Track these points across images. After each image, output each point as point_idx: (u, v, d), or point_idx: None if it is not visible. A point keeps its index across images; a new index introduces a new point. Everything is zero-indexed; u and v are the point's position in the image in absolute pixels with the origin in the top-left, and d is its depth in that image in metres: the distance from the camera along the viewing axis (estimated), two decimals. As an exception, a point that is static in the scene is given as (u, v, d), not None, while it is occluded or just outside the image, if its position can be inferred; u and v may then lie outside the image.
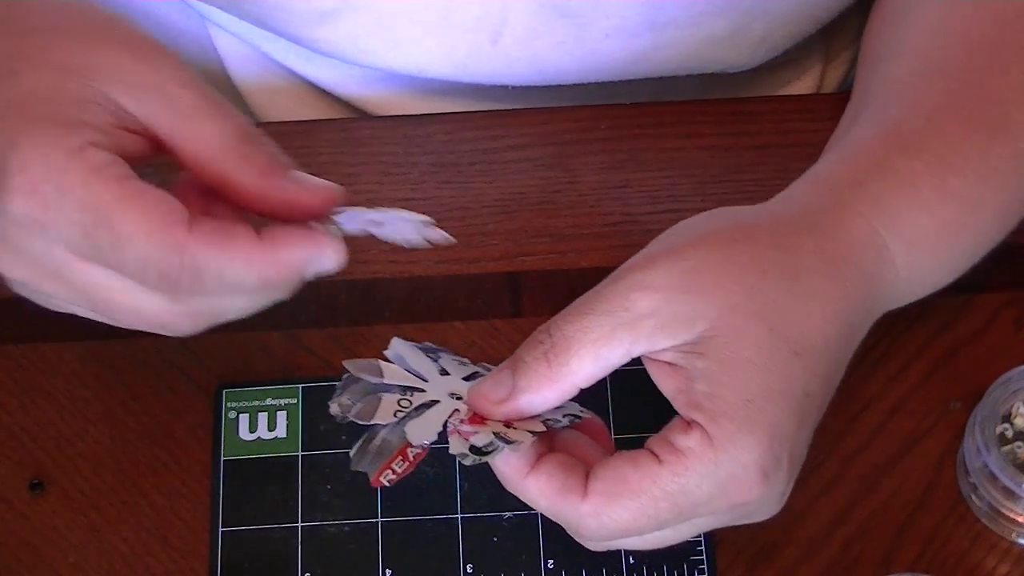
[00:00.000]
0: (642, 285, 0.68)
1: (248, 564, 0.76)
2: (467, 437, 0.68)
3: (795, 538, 0.76)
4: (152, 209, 0.63)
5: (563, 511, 0.68)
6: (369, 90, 0.93)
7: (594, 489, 0.67)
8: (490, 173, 0.87)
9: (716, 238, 0.69)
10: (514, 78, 0.88)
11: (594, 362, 0.68)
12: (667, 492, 0.66)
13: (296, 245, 0.65)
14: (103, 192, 0.63)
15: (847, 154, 0.74)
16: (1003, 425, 0.77)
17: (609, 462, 0.68)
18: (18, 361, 0.81)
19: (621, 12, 0.83)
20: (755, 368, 0.67)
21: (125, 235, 0.63)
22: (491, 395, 0.69)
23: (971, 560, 0.76)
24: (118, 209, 0.63)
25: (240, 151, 0.65)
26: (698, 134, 0.88)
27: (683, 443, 0.67)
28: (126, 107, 0.65)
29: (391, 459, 0.69)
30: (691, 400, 0.67)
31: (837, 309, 0.70)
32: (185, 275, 0.63)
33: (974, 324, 0.81)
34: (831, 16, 0.89)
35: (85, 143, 0.63)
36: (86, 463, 0.78)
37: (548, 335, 0.68)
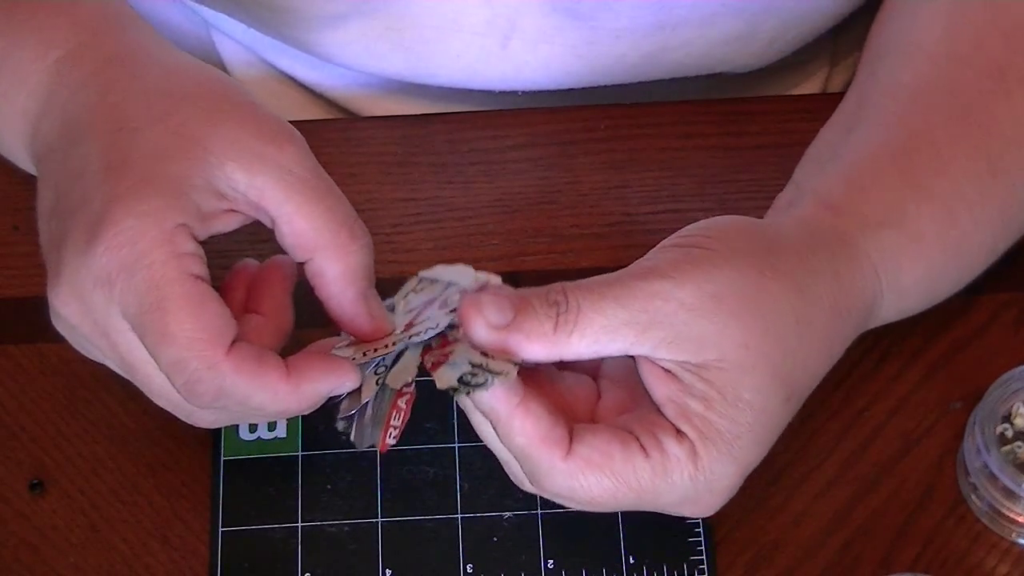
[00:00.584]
0: (667, 296, 0.68)
1: (248, 564, 0.76)
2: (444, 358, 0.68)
3: (795, 538, 0.76)
4: (206, 318, 0.65)
5: (538, 458, 0.68)
6: (374, 98, 0.93)
7: (578, 452, 0.67)
8: (490, 173, 0.87)
9: (746, 266, 0.69)
10: (523, 82, 0.88)
11: (591, 345, 0.68)
12: (641, 486, 0.68)
13: (320, 380, 0.68)
14: (172, 283, 0.65)
15: (861, 186, 0.74)
16: (1003, 425, 0.77)
17: (598, 432, 0.68)
18: (18, 361, 0.81)
19: (631, 13, 0.83)
20: (750, 408, 0.68)
21: (170, 332, 0.65)
22: (489, 315, 0.67)
23: (971, 560, 0.76)
24: (175, 305, 0.65)
25: (338, 245, 0.68)
26: (698, 134, 0.88)
27: (672, 448, 0.68)
28: (237, 181, 0.67)
29: (387, 419, 0.69)
30: (683, 413, 0.68)
31: (831, 357, 0.72)
32: (211, 391, 0.66)
33: (974, 324, 0.81)
34: (841, 17, 0.89)
35: (179, 225, 0.66)
36: (86, 463, 0.78)
37: (564, 299, 0.68)
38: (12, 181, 0.82)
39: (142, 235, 0.65)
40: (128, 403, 0.80)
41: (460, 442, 0.78)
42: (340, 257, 0.68)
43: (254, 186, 0.67)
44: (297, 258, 0.69)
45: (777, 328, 0.69)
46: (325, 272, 0.68)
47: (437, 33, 0.85)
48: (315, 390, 0.68)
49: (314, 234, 0.68)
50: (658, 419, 0.69)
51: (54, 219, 0.68)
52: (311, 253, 0.68)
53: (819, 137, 0.80)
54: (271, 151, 0.68)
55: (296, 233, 0.68)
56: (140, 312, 0.65)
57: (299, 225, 0.68)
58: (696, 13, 0.84)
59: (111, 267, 0.65)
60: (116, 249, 0.65)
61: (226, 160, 0.67)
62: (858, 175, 0.75)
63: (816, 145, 0.80)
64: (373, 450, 0.78)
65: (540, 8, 0.83)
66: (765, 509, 0.77)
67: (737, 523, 0.76)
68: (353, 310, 0.69)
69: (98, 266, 0.65)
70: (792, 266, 0.70)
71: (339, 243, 0.68)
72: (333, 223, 0.68)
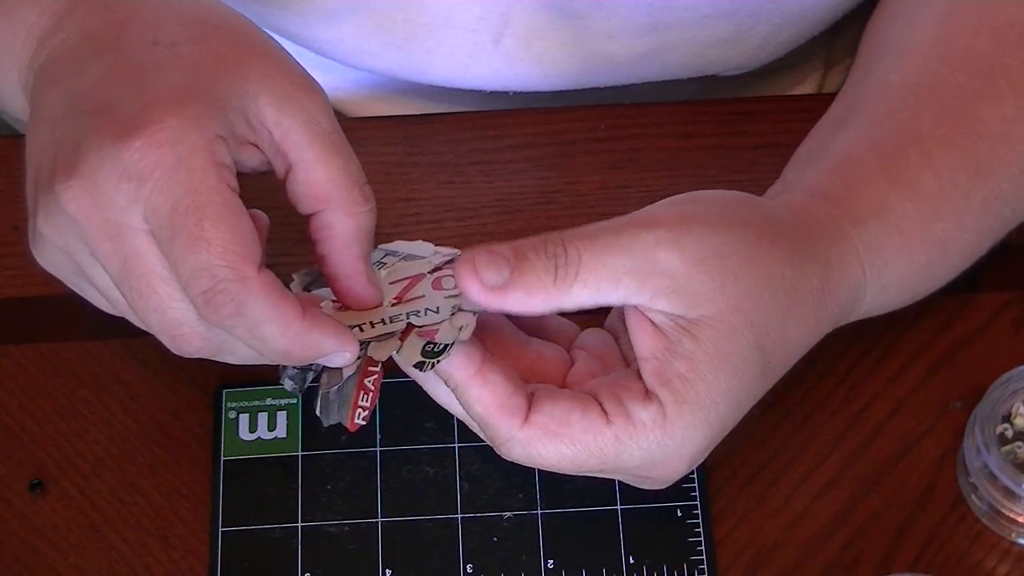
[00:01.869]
0: (672, 246, 0.68)
1: (248, 564, 0.76)
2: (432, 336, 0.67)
3: (795, 538, 0.76)
4: (241, 231, 0.64)
5: (496, 426, 0.67)
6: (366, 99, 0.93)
7: (535, 420, 0.67)
8: (490, 173, 0.87)
9: (749, 233, 0.69)
10: (516, 80, 0.88)
11: (592, 295, 0.67)
12: (603, 452, 0.67)
13: (327, 336, 0.66)
14: (211, 190, 0.63)
15: (850, 180, 0.75)
16: (1003, 425, 0.77)
17: (557, 400, 0.68)
18: (18, 361, 0.81)
19: (624, 13, 0.83)
20: (732, 374, 0.68)
21: (205, 237, 0.63)
22: (485, 276, 0.67)
23: (971, 560, 0.76)
24: (213, 212, 0.63)
25: (352, 200, 0.67)
26: (698, 134, 0.88)
27: (637, 413, 0.67)
28: (266, 116, 0.67)
29: (355, 398, 0.68)
30: (662, 373, 0.68)
31: (809, 339, 0.72)
32: (231, 305, 0.64)
33: (974, 324, 0.81)
34: (834, 19, 0.89)
35: (219, 136, 0.64)
36: (86, 463, 0.78)
37: (563, 250, 0.67)
38: (12, 181, 0.82)
39: (183, 137, 0.63)
40: (128, 403, 0.80)
41: (460, 442, 0.78)
42: (351, 214, 0.67)
43: (281, 125, 0.67)
44: (305, 209, 0.68)
45: (768, 298, 0.69)
46: (334, 225, 0.68)
47: (429, 30, 0.85)
48: (320, 343, 0.66)
49: (329, 186, 0.67)
50: (627, 383, 0.68)
51: (65, 122, 0.66)
52: (322, 205, 0.68)
53: (809, 137, 0.80)
54: (301, 96, 0.67)
55: (312, 182, 0.67)
56: (174, 213, 0.63)
57: (316, 174, 0.67)
58: (688, 14, 0.84)
59: (145, 163, 0.63)
60: (155, 147, 0.63)
61: (260, 92, 0.66)
62: (845, 170, 0.75)
63: (806, 144, 0.80)
64: (372, 449, 0.78)
65: (533, 5, 0.83)
66: (765, 509, 0.77)
67: (737, 523, 0.76)
68: (354, 268, 0.68)
69: (130, 161, 0.63)
70: (789, 242, 0.70)
71: (352, 199, 0.67)
72: (349, 179, 0.67)
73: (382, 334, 0.69)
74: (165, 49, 0.67)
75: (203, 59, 0.67)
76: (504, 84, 0.88)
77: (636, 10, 0.83)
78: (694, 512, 0.77)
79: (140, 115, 0.64)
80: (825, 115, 0.81)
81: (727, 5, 0.84)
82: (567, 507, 0.77)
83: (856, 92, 0.80)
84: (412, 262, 0.71)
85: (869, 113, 0.77)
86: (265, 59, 0.68)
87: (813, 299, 0.71)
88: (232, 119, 0.66)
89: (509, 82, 0.88)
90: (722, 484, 0.77)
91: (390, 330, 0.69)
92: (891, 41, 0.81)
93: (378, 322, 0.69)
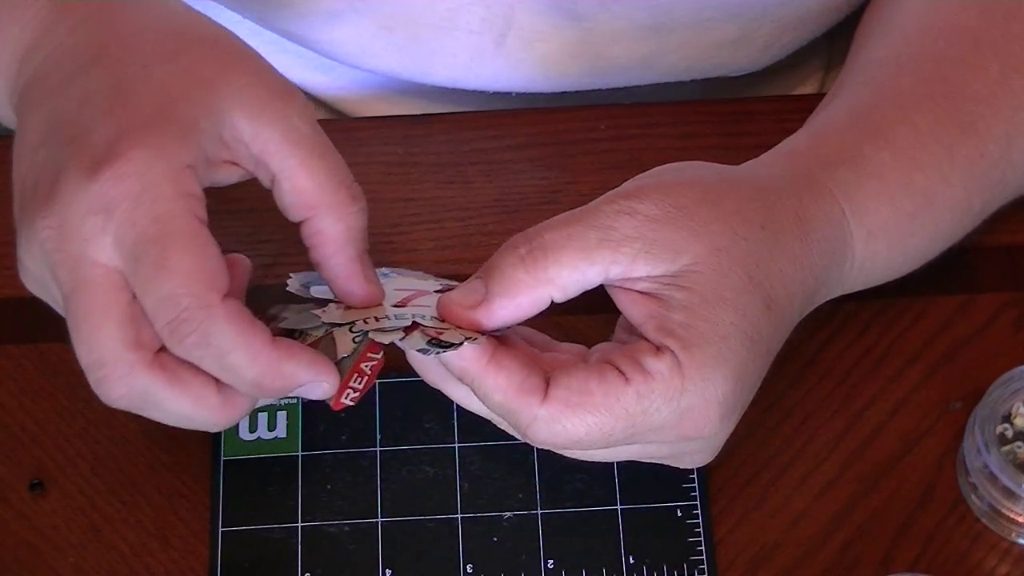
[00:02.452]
0: (631, 210, 0.68)
1: (248, 564, 0.76)
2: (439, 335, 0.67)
3: (795, 538, 0.76)
4: (206, 260, 0.63)
5: (517, 410, 0.67)
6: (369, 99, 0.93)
7: (555, 396, 0.66)
8: (490, 173, 0.87)
9: (704, 183, 0.70)
10: (518, 82, 0.88)
11: (571, 274, 0.67)
12: (628, 412, 0.66)
13: (301, 366, 0.66)
14: (177, 218, 0.63)
15: (820, 135, 0.75)
16: (1003, 425, 0.77)
17: (573, 371, 0.67)
18: (18, 361, 0.81)
19: (628, 15, 0.83)
20: (733, 308, 0.67)
21: (169, 267, 0.63)
22: (463, 300, 0.68)
23: (971, 560, 0.76)
24: (178, 241, 0.63)
25: (340, 202, 0.67)
26: (698, 134, 0.88)
27: (652, 365, 0.67)
28: (241, 130, 0.66)
29: (348, 377, 0.68)
30: (664, 326, 0.67)
31: (804, 275, 0.70)
32: (196, 334, 0.63)
33: (974, 324, 0.81)
34: (837, 19, 0.89)
35: (188, 166, 0.64)
36: (86, 463, 0.78)
37: (527, 240, 0.68)
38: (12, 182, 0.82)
39: (150, 168, 0.63)
40: (128, 403, 0.80)
41: (460, 442, 0.78)
42: (341, 216, 0.67)
43: (259, 138, 0.67)
44: (294, 216, 0.68)
45: (746, 233, 0.69)
46: (325, 230, 0.68)
47: (432, 31, 0.85)
48: (294, 373, 0.65)
49: (316, 191, 0.67)
50: (636, 343, 0.68)
51: (46, 147, 0.66)
52: (311, 211, 0.67)
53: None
54: (277, 104, 0.67)
55: (297, 190, 0.67)
56: (138, 242, 0.63)
57: (301, 181, 0.67)
58: (692, 17, 0.84)
59: (113, 195, 0.63)
60: (122, 179, 0.63)
61: (234, 107, 0.66)
62: (818, 129, 0.75)
63: None
64: (372, 449, 0.78)
65: (537, 6, 0.83)
66: (765, 509, 0.77)
67: (737, 523, 0.76)
68: (350, 269, 0.68)
69: (99, 193, 0.63)
70: (750, 183, 0.71)
71: (340, 201, 0.67)
72: (335, 181, 0.67)
73: (386, 328, 0.69)
74: (138, 71, 0.66)
75: (176, 79, 0.66)
76: (506, 85, 0.88)
77: (640, 12, 0.83)
78: (694, 512, 0.77)
79: (110, 146, 0.64)
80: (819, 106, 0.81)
81: (731, 8, 0.84)
82: (567, 507, 0.77)
83: (844, 75, 0.80)
84: (416, 279, 0.72)
85: (849, 86, 0.78)
86: (240, 71, 0.67)
87: (793, 229, 0.70)
88: (203, 142, 0.65)
89: (511, 84, 0.88)
90: (722, 484, 0.77)
91: (395, 325, 0.69)
92: (879, 23, 0.81)
93: (383, 317, 0.69)
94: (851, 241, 0.73)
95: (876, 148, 0.74)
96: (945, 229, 0.76)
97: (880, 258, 0.75)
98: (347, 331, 0.69)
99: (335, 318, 0.69)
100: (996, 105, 0.75)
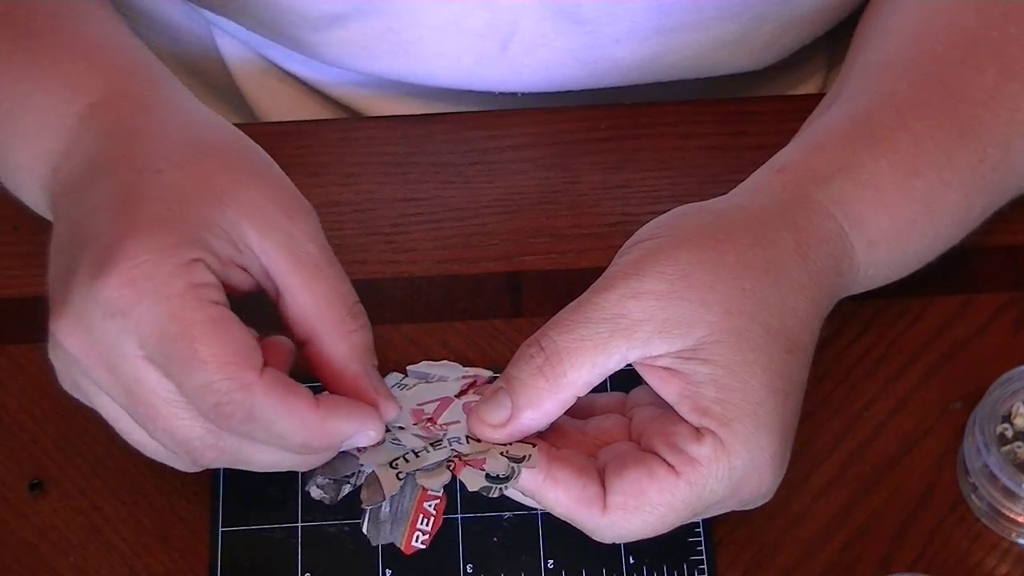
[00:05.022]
0: (636, 292, 0.68)
1: (248, 564, 0.76)
2: (480, 466, 0.69)
3: (795, 538, 0.76)
4: (233, 342, 0.65)
5: (581, 519, 0.69)
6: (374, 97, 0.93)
7: (614, 503, 0.68)
8: (490, 173, 0.87)
9: (700, 239, 0.70)
10: (522, 84, 0.88)
11: (591, 370, 0.69)
12: (685, 502, 0.68)
13: (347, 419, 0.67)
14: (192, 311, 0.64)
15: (817, 145, 0.75)
16: (1003, 425, 0.77)
17: (625, 474, 0.68)
18: (18, 361, 0.81)
19: (631, 17, 0.83)
20: (759, 369, 0.68)
21: (200, 358, 0.64)
22: (491, 419, 0.69)
23: (971, 560, 0.76)
24: (203, 331, 0.64)
25: (341, 322, 0.68)
26: (698, 134, 0.88)
27: (696, 452, 0.68)
28: (250, 242, 0.67)
29: (413, 519, 0.70)
30: (699, 405, 0.68)
31: (815, 300, 0.71)
32: (240, 413, 0.65)
33: (974, 324, 0.81)
34: (839, 18, 0.89)
35: (194, 260, 0.65)
36: (86, 463, 0.78)
37: (540, 348, 0.69)
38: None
39: (157, 268, 0.65)
40: (128, 403, 0.80)
41: (460, 442, 0.78)
42: (342, 335, 0.68)
43: (265, 251, 0.68)
44: (297, 333, 0.69)
45: (752, 285, 0.69)
46: (326, 350, 0.68)
47: (437, 34, 0.85)
48: (340, 429, 0.67)
49: (316, 310, 0.68)
50: (676, 425, 0.69)
51: (64, 253, 0.68)
52: (312, 329, 0.68)
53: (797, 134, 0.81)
54: (285, 222, 0.68)
55: (299, 306, 0.68)
56: (163, 340, 0.64)
57: (303, 299, 0.68)
58: (693, 17, 0.84)
59: (124, 300, 0.65)
60: (130, 284, 0.65)
61: (242, 219, 0.67)
62: (814, 138, 0.75)
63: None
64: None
65: (540, 12, 0.83)
66: (765, 509, 0.77)
67: (737, 523, 0.76)
68: (356, 385, 0.69)
69: (110, 299, 0.65)
70: (744, 224, 0.70)
71: (340, 321, 0.68)
72: (336, 301, 0.68)
73: (427, 465, 0.70)
74: (151, 176, 0.68)
75: (188, 186, 0.67)
76: (509, 88, 0.88)
77: (643, 14, 0.83)
78: (694, 512, 0.76)
79: (114, 251, 0.65)
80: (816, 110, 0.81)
81: (733, 7, 0.84)
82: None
83: (842, 79, 0.80)
84: (434, 384, 0.72)
85: (847, 92, 0.78)
86: (252, 184, 0.68)
87: (795, 260, 0.70)
88: (214, 243, 0.66)
89: (514, 86, 0.88)
90: (722, 484, 0.77)
91: (436, 459, 0.70)
92: (877, 26, 0.81)
93: (421, 450, 0.70)
94: (853, 252, 0.73)
95: (874, 156, 0.74)
96: (945, 234, 0.76)
97: (881, 264, 0.75)
98: (388, 467, 0.70)
99: (373, 459, 0.70)
100: (994, 109, 0.75)
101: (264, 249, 0.68)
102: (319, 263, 0.68)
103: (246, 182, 0.68)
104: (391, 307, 0.82)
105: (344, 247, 0.84)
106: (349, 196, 0.86)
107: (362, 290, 0.83)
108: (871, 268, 0.74)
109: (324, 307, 0.68)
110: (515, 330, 0.81)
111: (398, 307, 0.82)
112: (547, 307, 0.81)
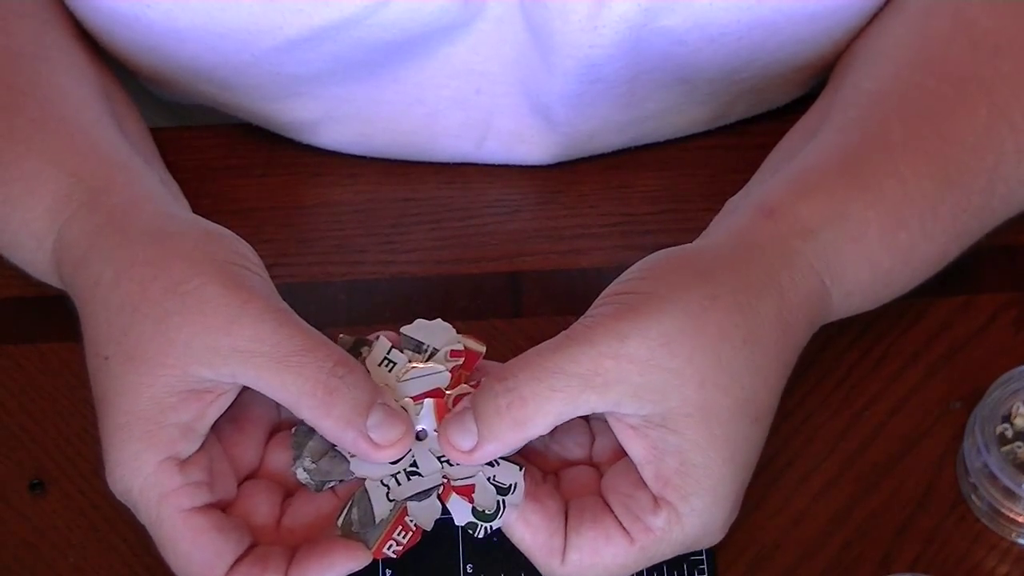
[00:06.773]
0: (616, 353, 0.68)
1: (248, 564, 0.76)
2: (469, 495, 0.70)
3: (795, 538, 0.76)
4: (200, 552, 0.69)
5: (540, 563, 0.71)
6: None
7: (571, 560, 0.70)
8: (490, 173, 0.87)
9: (686, 303, 0.69)
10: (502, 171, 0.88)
11: (557, 417, 0.69)
12: (637, 562, 0.70)
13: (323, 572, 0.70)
14: (164, 522, 0.69)
15: (807, 186, 0.74)
16: (1003, 425, 0.77)
17: (584, 532, 0.70)
18: (18, 361, 0.81)
19: (602, 115, 0.83)
20: (723, 443, 0.69)
21: (178, 555, 0.69)
22: (458, 444, 0.70)
23: (971, 560, 0.76)
24: (172, 540, 0.69)
25: (317, 400, 0.69)
26: (698, 134, 0.88)
27: (652, 522, 0.69)
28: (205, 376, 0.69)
29: (391, 529, 0.70)
30: (661, 474, 0.69)
31: (787, 366, 0.72)
32: None
33: (974, 324, 0.81)
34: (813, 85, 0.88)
35: (160, 461, 0.69)
36: (86, 463, 0.78)
37: (508, 390, 0.69)
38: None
39: (132, 482, 0.69)
40: (128, 403, 0.80)
41: (460, 442, 0.78)
42: (325, 413, 0.69)
43: (225, 375, 0.69)
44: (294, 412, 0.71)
45: (727, 356, 0.69)
46: (319, 427, 0.70)
47: (410, 137, 0.85)
48: None
49: (293, 400, 0.69)
50: (635, 492, 0.70)
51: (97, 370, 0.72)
52: (299, 413, 0.70)
53: (779, 145, 0.81)
54: (225, 342, 0.69)
55: (279, 398, 0.70)
56: (152, 529, 0.70)
57: (277, 394, 0.69)
58: (663, 106, 0.84)
59: (122, 491, 0.70)
60: (119, 481, 0.70)
61: (187, 366, 0.69)
62: (804, 179, 0.75)
63: (776, 151, 0.80)
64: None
65: (515, 113, 0.83)
66: (765, 509, 0.77)
67: (737, 523, 0.76)
68: (356, 448, 0.70)
69: (113, 484, 0.70)
70: (731, 286, 0.70)
71: (317, 402, 0.69)
72: (307, 387, 0.69)
73: (419, 491, 0.70)
74: (101, 365, 0.71)
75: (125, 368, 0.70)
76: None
77: (613, 112, 0.83)
78: (694, 512, 0.76)
79: (106, 451, 0.70)
80: (799, 122, 0.81)
81: (701, 97, 0.84)
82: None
83: (829, 101, 0.80)
84: (425, 377, 0.72)
85: (837, 122, 0.77)
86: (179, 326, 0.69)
87: (774, 329, 0.71)
88: (173, 425, 0.69)
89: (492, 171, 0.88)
90: (722, 484, 0.77)
91: (427, 485, 0.70)
92: (864, 48, 0.80)
93: (413, 473, 0.71)
94: (829, 302, 0.74)
95: (863, 206, 0.73)
96: (920, 277, 0.77)
97: (854, 307, 0.76)
98: (380, 484, 0.70)
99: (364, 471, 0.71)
100: (981, 153, 0.75)
101: (221, 374, 0.69)
102: (276, 358, 0.69)
103: (175, 328, 0.69)
104: (391, 307, 0.82)
105: (344, 247, 0.84)
106: (349, 196, 0.86)
107: (362, 290, 0.83)
108: (842, 311, 0.75)
109: (296, 396, 0.69)
110: (515, 330, 0.81)
111: (398, 307, 0.82)
112: (547, 307, 0.81)
